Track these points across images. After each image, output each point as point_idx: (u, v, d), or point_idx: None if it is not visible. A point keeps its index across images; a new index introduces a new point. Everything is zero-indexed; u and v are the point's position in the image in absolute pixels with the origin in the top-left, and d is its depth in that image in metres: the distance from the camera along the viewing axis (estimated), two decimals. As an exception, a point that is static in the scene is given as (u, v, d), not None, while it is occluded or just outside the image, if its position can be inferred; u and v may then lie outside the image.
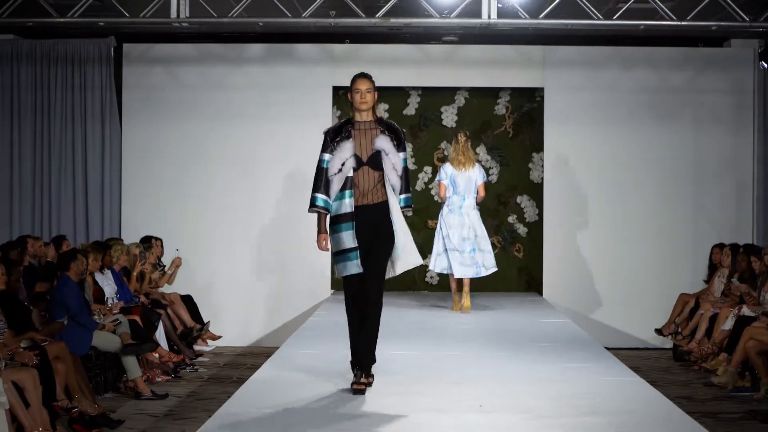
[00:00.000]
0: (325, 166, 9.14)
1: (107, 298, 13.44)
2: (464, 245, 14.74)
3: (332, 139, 9.16)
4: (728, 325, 13.92)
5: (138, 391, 12.57)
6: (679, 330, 15.65)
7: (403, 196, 9.28)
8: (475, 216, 14.86)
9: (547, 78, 17.00)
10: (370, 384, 9.22)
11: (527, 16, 13.17)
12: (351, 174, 9.09)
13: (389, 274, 9.31)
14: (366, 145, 9.13)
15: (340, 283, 17.32)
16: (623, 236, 16.93)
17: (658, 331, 16.03)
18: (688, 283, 16.44)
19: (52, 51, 16.91)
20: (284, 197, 16.91)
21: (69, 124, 16.92)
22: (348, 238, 9.07)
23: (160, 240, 15.92)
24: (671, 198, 16.98)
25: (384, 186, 9.16)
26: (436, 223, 15.13)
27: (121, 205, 16.99)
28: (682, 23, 13.26)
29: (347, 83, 16.80)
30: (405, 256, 9.21)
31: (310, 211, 9.21)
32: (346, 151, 9.08)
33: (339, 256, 9.22)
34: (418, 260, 9.29)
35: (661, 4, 13.04)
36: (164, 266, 15.95)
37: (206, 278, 16.80)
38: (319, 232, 9.28)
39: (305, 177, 16.42)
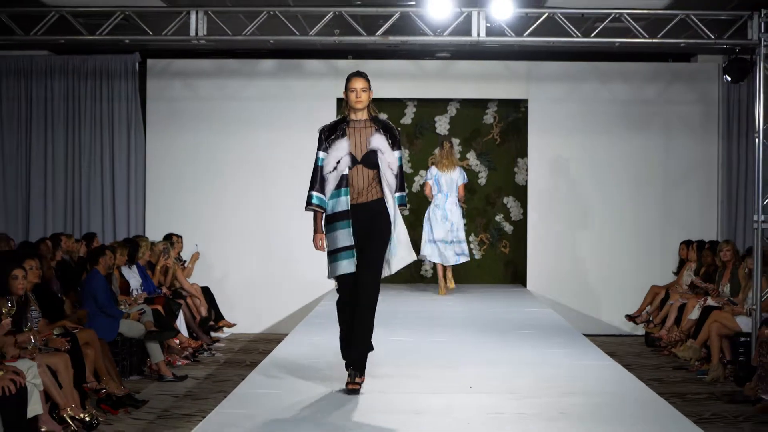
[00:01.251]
0: (320, 164, 8.56)
1: (132, 289, 13.44)
2: (447, 237, 15.45)
3: (327, 137, 8.58)
4: (695, 314, 13.94)
5: (160, 373, 12.58)
6: (651, 319, 15.67)
7: (398, 194, 8.60)
8: (456, 212, 15.58)
9: (531, 90, 17.01)
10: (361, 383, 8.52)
11: (513, 35, 13.17)
12: (346, 172, 8.47)
13: (385, 272, 8.63)
14: (361, 144, 8.51)
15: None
16: (600, 233, 16.94)
17: (630, 319, 16.05)
18: (659, 275, 16.44)
19: (82, 66, 16.90)
20: (291, 198, 16.81)
21: (98, 132, 16.92)
22: (344, 237, 8.44)
23: (181, 237, 15.93)
24: (643, 199, 16.99)
25: (379, 183, 8.52)
26: None
27: (145, 206, 16.99)
28: (654, 41, 13.27)
29: (350, 95, 17.04)
30: (401, 252, 8.60)
31: (306, 209, 8.66)
32: (341, 149, 8.47)
33: (333, 255, 8.53)
34: (413, 256, 8.68)
35: (634, 23, 13.05)
36: (185, 261, 15.96)
37: (222, 271, 16.81)
38: (315, 232, 8.66)
39: (305, 178, 16.52)
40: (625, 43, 13.34)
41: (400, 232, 8.58)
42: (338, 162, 8.45)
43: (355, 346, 8.47)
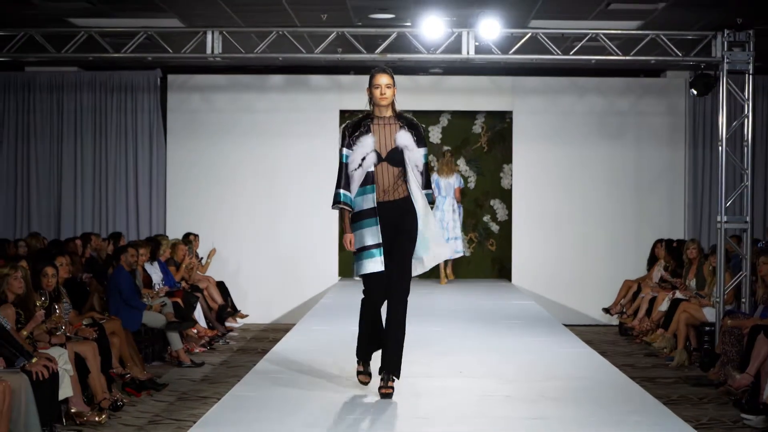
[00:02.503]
0: (345, 161, 7.64)
1: (154, 284, 13.44)
2: (445, 234, 15.74)
3: (350, 133, 7.69)
4: (664, 306, 13.97)
5: (179, 360, 12.59)
6: (624, 310, 15.69)
7: (424, 191, 7.77)
8: (451, 212, 16.24)
9: (516, 103, 17.02)
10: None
11: (499, 52, 13.18)
12: (372, 169, 7.58)
13: (418, 270, 7.87)
14: (386, 141, 7.65)
15: (347, 271, 17.71)
16: (578, 233, 16.94)
17: (606, 310, 16.07)
18: (631, 271, 16.44)
19: (108, 81, 16.90)
20: (298, 200, 16.91)
21: (123, 141, 16.92)
22: (370, 235, 7.57)
23: (198, 236, 15.97)
24: (617, 201, 16.99)
25: (405, 182, 7.68)
26: None
27: (166, 207, 16.99)
28: (627, 58, 13.28)
29: (353, 107, 17.10)
30: (435, 249, 7.83)
31: (333, 207, 7.70)
32: (366, 146, 7.60)
33: (359, 253, 7.63)
34: (446, 253, 8.26)
35: (609, 43, 13.06)
36: (201, 258, 15.97)
37: (235, 267, 16.80)
38: (345, 232, 7.69)
39: (315, 183, 16.69)
40: (600, 60, 13.35)
41: (432, 229, 7.83)
42: (363, 159, 7.60)
43: (390, 348, 7.63)
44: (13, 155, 16.88)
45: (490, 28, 13.12)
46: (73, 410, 9.12)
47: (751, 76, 12.81)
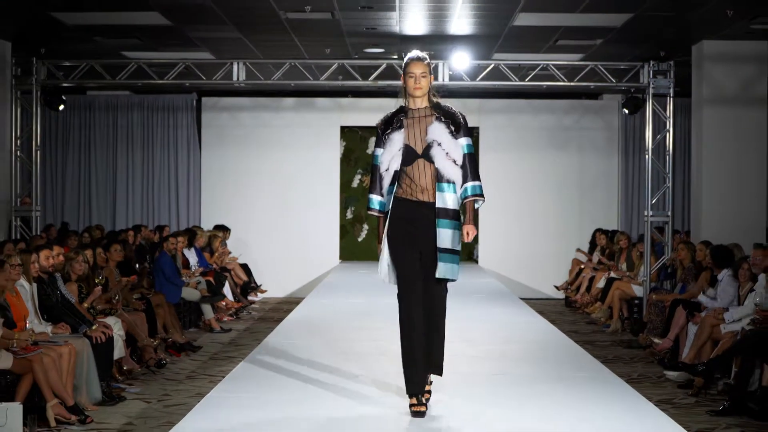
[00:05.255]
0: (377, 162, 5.79)
1: (191, 266, 13.42)
2: None
3: (383, 131, 5.81)
4: (601, 284, 13.99)
5: (211, 327, 12.57)
6: (569, 287, 15.70)
7: (469, 184, 5.72)
8: None
9: (482, 121, 16.98)
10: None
11: (468, 79, 13.17)
12: (398, 168, 5.69)
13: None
14: (421, 135, 5.72)
15: (346, 255, 17.72)
16: (533, 224, 16.93)
17: (557, 288, 16.07)
18: (575, 255, 16.50)
19: (154, 103, 16.87)
20: (306, 198, 16.91)
21: (165, 151, 16.90)
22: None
23: (229, 230, 15.98)
24: (564, 199, 17.00)
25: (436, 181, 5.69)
26: None
27: (200, 204, 16.96)
28: (571, 84, 13.29)
29: (351, 123, 17.14)
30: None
31: (368, 212, 5.87)
32: (396, 143, 5.72)
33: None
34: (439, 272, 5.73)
35: (557, 71, 13.05)
36: (230, 254, 15.89)
37: (256, 251, 16.73)
38: (378, 241, 5.81)
39: (319, 184, 16.80)
40: (550, 85, 13.35)
41: (449, 240, 5.75)
42: (392, 158, 5.73)
43: (434, 352, 5.79)
44: (77, 162, 16.84)
45: (461, 60, 13.16)
46: (124, 368, 9.10)
47: (671, 99, 12.86)
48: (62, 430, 7.21)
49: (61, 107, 13.75)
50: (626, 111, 14.46)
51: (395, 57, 13.68)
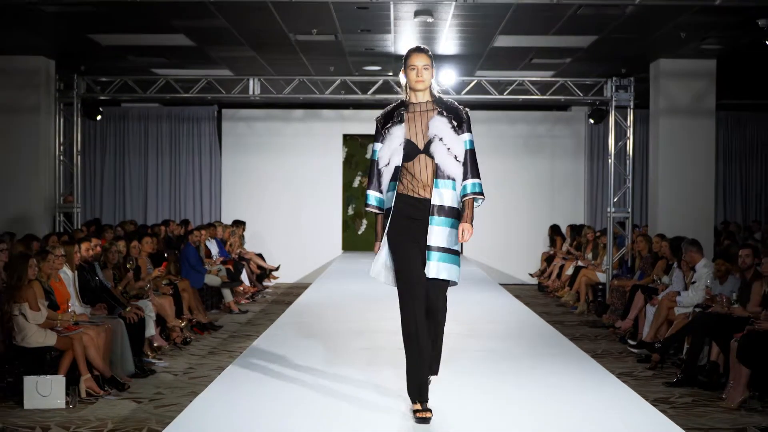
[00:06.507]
0: (375, 157, 4.95)
1: (213, 255, 13.42)
2: None
3: (383, 125, 4.95)
4: (570, 271, 13.98)
5: (230, 308, 12.56)
6: (542, 274, 15.69)
7: (469, 182, 4.90)
8: None
9: (466, 129, 16.95)
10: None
11: (454, 93, 13.14)
12: (400, 163, 4.83)
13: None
14: (422, 130, 4.87)
15: (348, 246, 17.73)
16: (512, 220, 16.87)
17: (531, 275, 16.07)
18: (546, 246, 16.49)
19: (180, 113, 16.83)
20: (312, 197, 16.86)
21: (190, 156, 16.86)
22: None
23: (245, 223, 15.97)
24: (537, 197, 16.98)
25: (436, 178, 4.85)
26: None
27: (221, 202, 16.93)
28: (544, 97, 13.26)
29: (352, 132, 17.11)
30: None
31: (365, 209, 5.04)
32: (396, 138, 4.86)
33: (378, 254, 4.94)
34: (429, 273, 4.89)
35: (532, 86, 13.04)
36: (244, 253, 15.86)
37: (269, 243, 16.69)
38: (376, 239, 4.96)
39: (324, 185, 16.76)
40: (526, 99, 13.34)
41: (442, 238, 4.91)
42: (393, 152, 4.88)
43: (435, 355, 5.06)
44: (113, 166, 16.80)
45: (448, 76, 13.15)
46: (155, 344, 9.09)
47: (631, 110, 12.83)
48: (102, 399, 7.19)
49: (99, 117, 13.76)
50: (592, 121, 14.44)
51: (390, 74, 13.65)
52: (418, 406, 4.79)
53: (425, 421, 4.71)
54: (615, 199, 12.88)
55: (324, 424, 4.81)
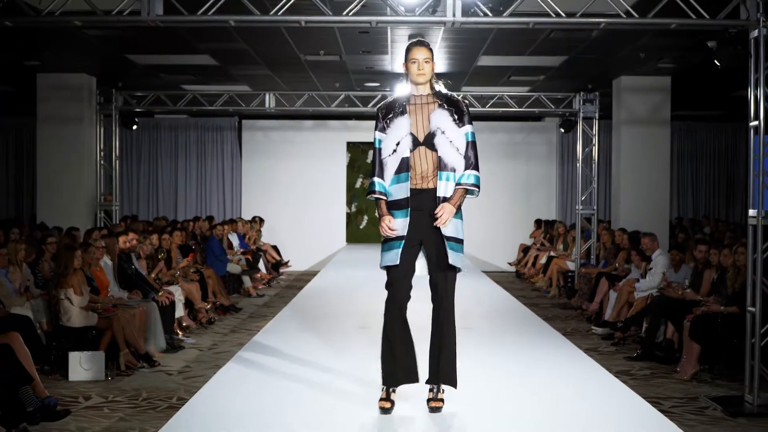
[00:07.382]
0: (378, 146, 4.39)
1: (235, 247, 13.39)
2: None
3: (384, 115, 4.40)
4: (544, 260, 13.94)
5: (249, 293, 12.53)
6: (519, 262, 15.66)
7: (466, 172, 4.40)
8: None
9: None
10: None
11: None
12: (407, 155, 4.30)
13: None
14: (423, 123, 4.35)
15: (351, 238, 17.70)
16: (493, 216, 16.80)
17: (510, 264, 16.03)
18: (522, 238, 16.45)
19: (205, 124, 16.79)
20: (319, 195, 16.84)
21: (215, 161, 16.82)
22: (399, 226, 4.31)
23: (263, 220, 15.94)
24: (516, 196, 16.94)
25: (439, 169, 4.34)
26: None
27: (241, 201, 16.88)
28: (520, 109, 13.22)
29: (355, 140, 17.05)
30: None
31: (367, 197, 4.41)
32: (401, 128, 4.32)
33: (385, 244, 4.40)
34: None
35: (510, 100, 13.01)
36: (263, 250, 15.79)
37: (283, 236, 16.63)
38: (380, 216, 4.34)
39: (328, 185, 16.67)
40: (505, 111, 13.31)
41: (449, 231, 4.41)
42: (398, 143, 4.33)
43: (439, 355, 4.52)
44: (147, 170, 16.76)
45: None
46: (184, 324, 9.07)
47: (596, 121, 12.82)
48: (137, 371, 7.18)
49: (135, 127, 13.74)
50: (562, 130, 14.41)
51: (388, 89, 13.62)
52: (383, 394, 4.38)
53: (386, 411, 4.33)
54: (582, 198, 12.85)
55: (326, 405, 4.77)
